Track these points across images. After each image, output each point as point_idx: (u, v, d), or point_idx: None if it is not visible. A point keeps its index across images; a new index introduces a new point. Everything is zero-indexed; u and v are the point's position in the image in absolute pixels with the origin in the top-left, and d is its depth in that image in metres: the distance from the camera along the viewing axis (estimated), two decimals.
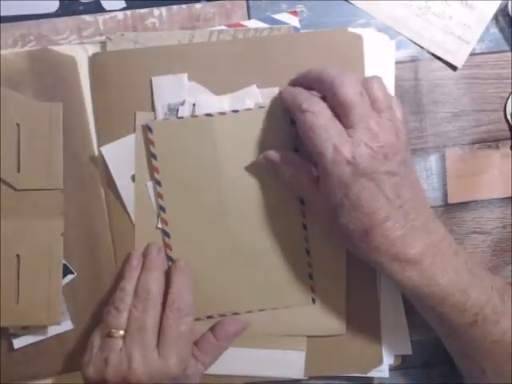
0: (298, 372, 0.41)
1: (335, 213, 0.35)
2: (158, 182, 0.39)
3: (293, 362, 0.41)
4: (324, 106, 0.35)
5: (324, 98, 0.35)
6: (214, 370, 0.41)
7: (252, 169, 0.40)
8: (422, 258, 0.34)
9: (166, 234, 0.40)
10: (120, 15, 0.42)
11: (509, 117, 0.43)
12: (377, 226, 0.34)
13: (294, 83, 0.39)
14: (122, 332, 0.36)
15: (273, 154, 0.38)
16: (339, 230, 0.35)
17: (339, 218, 0.34)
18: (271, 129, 0.39)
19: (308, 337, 0.41)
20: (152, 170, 0.40)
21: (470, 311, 0.35)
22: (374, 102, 0.35)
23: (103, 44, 0.41)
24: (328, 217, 0.36)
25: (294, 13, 0.42)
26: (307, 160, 0.37)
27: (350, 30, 0.41)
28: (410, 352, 0.42)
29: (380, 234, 0.34)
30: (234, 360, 0.41)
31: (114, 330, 0.36)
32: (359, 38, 0.41)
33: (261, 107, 0.40)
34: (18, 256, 0.39)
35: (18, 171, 0.39)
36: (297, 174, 0.38)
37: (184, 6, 0.42)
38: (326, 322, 0.41)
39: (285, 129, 0.39)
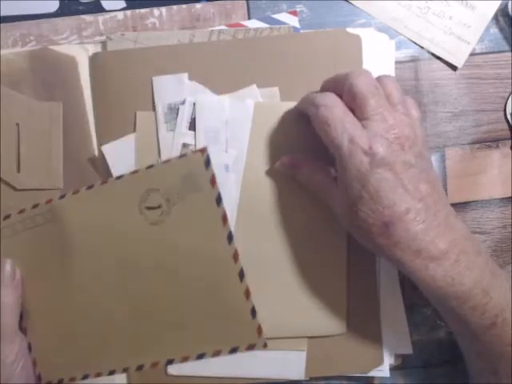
0: (298, 373, 0.41)
1: (354, 208, 0.34)
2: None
3: (293, 363, 0.41)
4: (337, 100, 0.35)
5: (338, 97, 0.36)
6: (214, 371, 0.41)
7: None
8: (446, 256, 0.33)
9: None
10: (120, 15, 0.42)
11: (509, 117, 0.43)
12: (397, 218, 0.33)
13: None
14: None
15: (288, 159, 0.39)
16: (358, 226, 0.34)
17: (358, 213, 0.34)
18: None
19: (308, 337, 0.41)
20: None
21: (491, 313, 0.34)
22: (387, 96, 0.35)
23: (103, 44, 0.41)
24: (346, 214, 0.35)
25: (294, 13, 0.42)
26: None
27: (350, 30, 0.41)
28: (410, 351, 0.42)
29: (401, 228, 0.33)
30: (234, 362, 0.41)
31: None
32: (358, 38, 0.41)
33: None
34: None
35: (18, 171, 0.39)
36: (313, 174, 0.38)
37: (184, 6, 0.42)
38: (326, 321, 0.41)
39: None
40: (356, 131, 0.33)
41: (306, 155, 0.39)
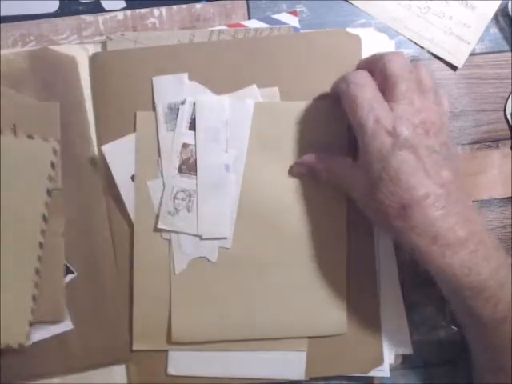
0: (298, 373, 0.41)
1: (373, 189, 0.34)
2: None
3: (293, 364, 0.41)
4: (370, 80, 0.35)
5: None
6: (214, 372, 0.41)
7: None
8: (464, 244, 0.33)
9: None
10: (120, 15, 0.42)
11: (509, 117, 0.43)
12: (416, 202, 0.32)
13: None
14: None
15: (305, 159, 0.39)
16: (376, 208, 0.34)
17: (377, 194, 0.33)
18: None
19: (308, 337, 0.41)
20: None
21: (504, 307, 0.33)
22: (419, 82, 0.35)
23: (103, 44, 0.41)
24: (365, 195, 0.35)
25: (294, 13, 0.42)
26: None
27: (349, 30, 0.41)
28: (410, 351, 0.42)
29: (419, 212, 0.32)
30: (234, 362, 0.41)
31: None
32: (357, 38, 0.41)
33: None
34: None
35: None
36: (332, 166, 0.38)
37: (184, 6, 0.42)
38: (326, 321, 0.41)
39: None
40: (382, 112, 0.33)
41: (321, 153, 0.39)
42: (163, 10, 0.42)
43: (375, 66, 0.35)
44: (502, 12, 0.43)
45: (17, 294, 0.38)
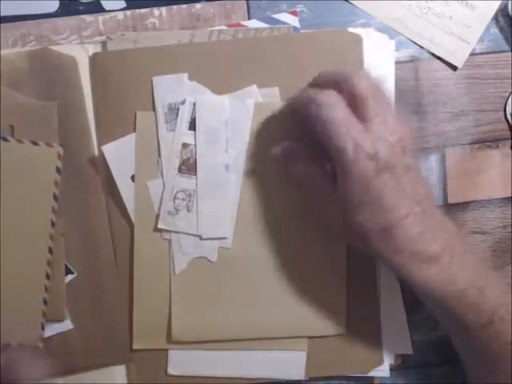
0: (298, 373, 0.41)
1: (351, 212, 0.34)
2: None
3: (294, 363, 0.41)
4: (340, 99, 0.34)
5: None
6: (214, 372, 0.41)
7: None
8: (441, 256, 0.33)
9: None
10: (120, 15, 0.42)
11: (509, 117, 0.43)
12: (396, 223, 0.33)
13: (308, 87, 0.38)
14: None
15: (287, 147, 0.38)
16: (354, 229, 0.34)
17: (355, 217, 0.33)
18: None
19: (308, 337, 0.41)
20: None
21: (487, 311, 0.34)
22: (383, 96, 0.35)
23: (103, 44, 0.41)
24: (341, 217, 0.35)
25: (294, 13, 0.42)
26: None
27: (350, 30, 0.41)
28: (410, 351, 0.42)
29: (400, 232, 0.33)
30: (234, 362, 0.41)
31: None
32: (358, 38, 0.41)
33: None
34: None
35: None
36: (310, 172, 0.37)
37: (184, 6, 0.42)
38: (326, 321, 0.41)
39: None
40: (359, 134, 0.33)
41: (304, 148, 0.39)
42: (163, 9, 0.42)
43: (341, 85, 0.35)
44: (502, 12, 0.43)
45: (30, 298, 0.39)
